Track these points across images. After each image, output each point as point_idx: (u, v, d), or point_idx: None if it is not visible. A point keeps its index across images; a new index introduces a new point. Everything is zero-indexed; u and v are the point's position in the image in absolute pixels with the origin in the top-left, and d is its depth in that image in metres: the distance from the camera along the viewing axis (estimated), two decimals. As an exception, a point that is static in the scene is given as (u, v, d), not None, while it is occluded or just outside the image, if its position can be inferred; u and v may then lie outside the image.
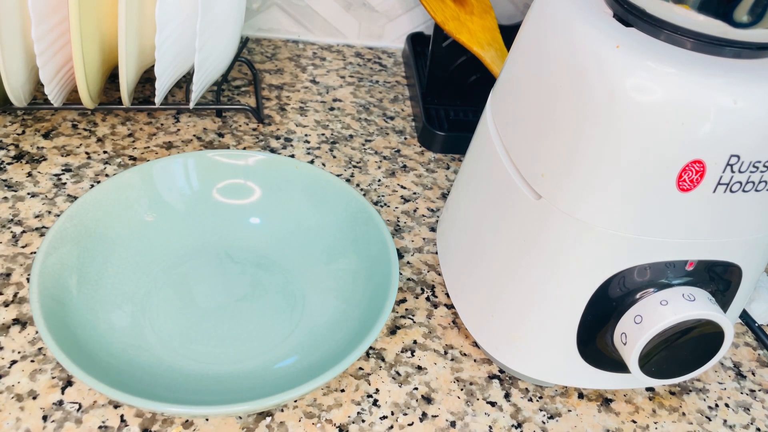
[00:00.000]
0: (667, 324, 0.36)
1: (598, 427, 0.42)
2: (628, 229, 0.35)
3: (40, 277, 0.40)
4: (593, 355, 0.40)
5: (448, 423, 0.41)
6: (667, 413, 0.44)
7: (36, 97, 0.58)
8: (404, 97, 0.68)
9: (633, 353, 0.36)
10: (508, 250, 0.39)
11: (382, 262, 0.45)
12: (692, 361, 0.38)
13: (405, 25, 0.74)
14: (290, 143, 0.59)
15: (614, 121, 0.32)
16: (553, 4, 0.36)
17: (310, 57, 0.71)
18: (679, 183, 0.33)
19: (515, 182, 0.38)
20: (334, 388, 0.42)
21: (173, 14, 0.49)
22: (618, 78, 0.32)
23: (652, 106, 0.31)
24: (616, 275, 0.36)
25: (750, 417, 0.44)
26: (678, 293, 0.36)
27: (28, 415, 0.38)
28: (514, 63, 0.39)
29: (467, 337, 0.46)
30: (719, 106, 0.31)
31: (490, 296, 0.41)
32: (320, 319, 0.44)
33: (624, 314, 0.37)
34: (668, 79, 0.31)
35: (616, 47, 0.32)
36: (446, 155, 0.61)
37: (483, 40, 0.60)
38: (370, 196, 0.56)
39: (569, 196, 0.35)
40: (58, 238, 0.42)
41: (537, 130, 0.36)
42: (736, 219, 0.35)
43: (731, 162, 0.32)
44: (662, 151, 0.32)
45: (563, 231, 0.36)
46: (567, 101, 0.34)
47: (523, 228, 0.38)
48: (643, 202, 0.34)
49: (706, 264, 0.37)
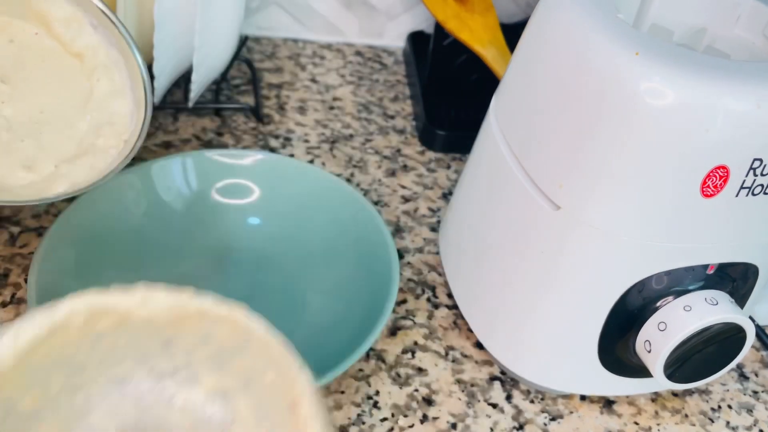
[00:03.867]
0: (693, 330, 0.35)
1: (600, 429, 0.42)
2: (652, 237, 0.34)
3: (38, 278, 0.40)
4: (613, 363, 0.40)
5: (449, 425, 0.41)
6: (670, 415, 0.43)
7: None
8: (405, 96, 0.67)
9: (658, 360, 0.36)
10: (525, 261, 0.39)
11: (382, 262, 0.44)
12: (714, 363, 0.38)
13: (405, 24, 0.73)
14: (290, 142, 0.59)
15: (637, 130, 0.32)
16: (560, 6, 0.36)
17: (309, 56, 0.71)
18: (703, 189, 0.33)
19: (530, 193, 0.37)
20: (334, 390, 0.42)
21: (172, 13, 0.49)
22: (639, 86, 0.31)
23: (675, 114, 0.31)
24: (637, 283, 0.36)
25: (753, 418, 0.44)
26: (701, 298, 0.36)
27: (25, 417, 0.38)
28: (521, 68, 0.39)
29: (468, 339, 0.46)
30: (743, 111, 0.31)
31: (506, 309, 0.41)
32: (320, 319, 0.44)
33: (647, 321, 0.37)
34: (690, 85, 0.31)
35: (635, 54, 0.32)
36: (447, 154, 0.61)
37: (484, 39, 0.60)
38: (371, 196, 0.55)
39: (591, 206, 0.35)
40: (56, 239, 0.42)
41: (552, 139, 0.36)
42: (757, 221, 0.35)
43: (754, 166, 0.32)
44: (687, 158, 0.32)
45: (585, 242, 0.35)
46: (585, 110, 0.33)
47: (541, 239, 0.37)
48: (668, 210, 0.33)
49: (725, 266, 0.37)
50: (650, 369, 0.37)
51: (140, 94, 0.43)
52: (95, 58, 0.43)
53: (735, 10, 0.39)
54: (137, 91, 0.43)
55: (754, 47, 0.39)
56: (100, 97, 0.43)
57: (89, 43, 0.42)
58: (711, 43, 0.40)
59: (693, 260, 0.36)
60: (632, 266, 0.36)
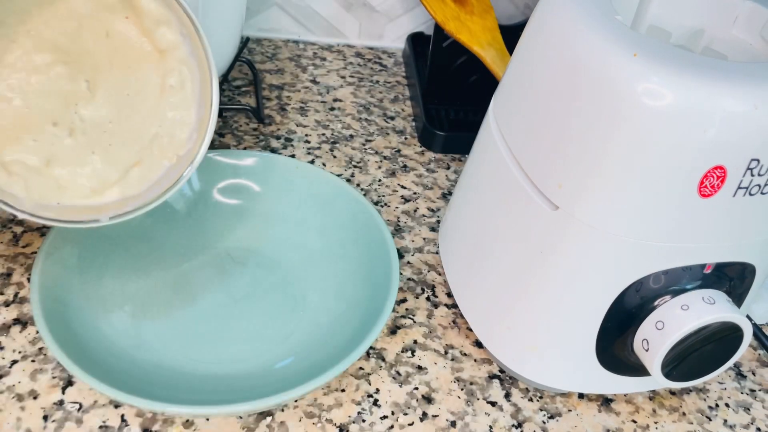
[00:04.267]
0: (691, 329, 0.36)
1: (598, 427, 0.42)
2: (650, 237, 0.35)
3: (40, 277, 0.40)
4: (611, 362, 0.40)
5: (449, 423, 0.41)
6: (668, 413, 0.44)
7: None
8: (404, 97, 0.68)
9: (656, 359, 0.37)
10: (524, 261, 0.39)
11: (382, 262, 0.45)
12: (711, 362, 0.38)
13: (405, 25, 0.74)
14: (290, 143, 0.59)
15: (636, 130, 0.32)
16: (558, 8, 0.36)
17: (310, 57, 0.71)
18: (701, 189, 0.33)
19: (528, 193, 0.37)
20: (335, 388, 0.42)
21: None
22: (637, 87, 0.31)
23: (673, 114, 0.31)
24: (635, 282, 0.36)
25: (750, 417, 0.44)
26: (698, 297, 0.36)
27: (28, 414, 0.38)
28: (520, 69, 0.39)
29: (467, 337, 0.46)
30: (740, 112, 0.31)
31: (506, 308, 0.41)
32: (320, 319, 0.44)
33: (644, 320, 0.37)
34: (688, 86, 0.31)
35: (634, 55, 0.32)
36: (447, 155, 0.61)
37: (483, 40, 0.60)
38: (371, 196, 0.56)
39: (589, 206, 0.35)
40: (58, 238, 0.43)
41: (551, 140, 0.36)
42: (754, 220, 0.35)
43: (751, 166, 0.32)
44: (685, 159, 0.32)
45: (583, 241, 0.36)
46: (583, 111, 0.34)
47: (540, 239, 0.38)
48: (666, 210, 0.34)
49: (722, 265, 0.37)
50: (648, 367, 0.37)
51: (205, 113, 0.42)
52: (174, 57, 0.41)
53: (732, 11, 0.40)
54: (202, 109, 0.42)
55: (752, 48, 0.39)
56: (167, 107, 0.41)
57: (173, 41, 0.41)
58: (709, 45, 0.40)
59: (690, 260, 0.36)
60: (630, 265, 0.36)
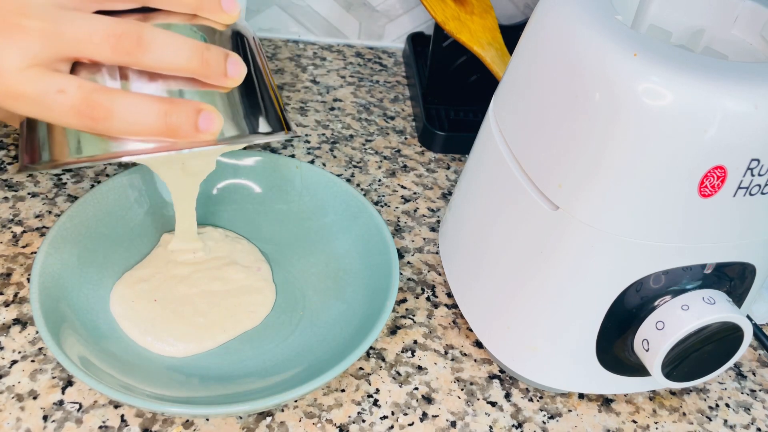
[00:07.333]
0: (691, 329, 0.36)
1: (598, 427, 0.42)
2: (650, 237, 0.35)
3: (40, 277, 0.40)
4: (611, 362, 0.40)
5: (449, 423, 0.41)
6: (668, 413, 0.44)
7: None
8: (404, 97, 0.68)
9: (656, 359, 0.37)
10: (524, 261, 0.39)
11: (382, 262, 0.45)
12: (711, 362, 0.38)
13: (405, 25, 0.74)
14: (290, 143, 0.59)
15: (635, 130, 0.32)
16: (558, 8, 0.36)
17: (310, 57, 0.71)
18: (701, 189, 0.33)
19: (528, 193, 0.37)
20: (335, 388, 0.42)
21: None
22: (637, 86, 0.31)
23: (673, 114, 0.31)
24: (635, 282, 0.36)
25: (750, 417, 0.44)
26: (698, 297, 0.36)
27: (28, 415, 0.38)
28: (520, 69, 0.39)
29: (467, 337, 0.46)
30: (740, 112, 0.31)
31: (506, 308, 0.41)
32: (320, 319, 0.44)
33: (645, 320, 0.37)
34: (688, 86, 0.31)
35: (634, 55, 0.32)
36: (447, 155, 0.61)
37: (483, 40, 0.60)
38: (371, 196, 0.56)
39: (590, 206, 0.35)
40: (58, 239, 0.42)
41: (551, 140, 0.36)
42: (755, 220, 0.35)
43: (752, 166, 0.32)
44: (685, 159, 0.32)
45: (584, 241, 0.36)
46: (583, 111, 0.34)
47: (540, 239, 0.38)
48: (666, 210, 0.34)
49: (723, 266, 0.37)
50: (648, 368, 0.37)
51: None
52: None
53: (733, 11, 0.40)
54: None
55: (752, 48, 0.39)
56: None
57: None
58: (709, 44, 0.40)
59: (691, 260, 0.36)
60: (630, 265, 0.36)
